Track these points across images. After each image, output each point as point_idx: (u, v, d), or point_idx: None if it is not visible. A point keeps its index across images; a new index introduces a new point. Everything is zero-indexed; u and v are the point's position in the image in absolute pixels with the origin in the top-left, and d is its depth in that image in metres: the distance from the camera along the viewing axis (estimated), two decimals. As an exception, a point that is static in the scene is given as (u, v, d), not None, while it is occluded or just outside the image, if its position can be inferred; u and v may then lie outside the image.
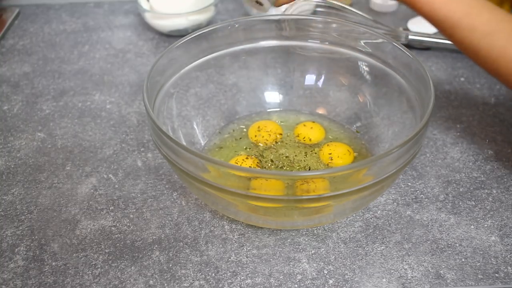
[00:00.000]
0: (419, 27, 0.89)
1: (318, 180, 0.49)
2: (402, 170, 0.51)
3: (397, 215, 0.59)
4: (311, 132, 0.66)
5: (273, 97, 0.72)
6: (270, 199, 0.49)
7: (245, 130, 0.68)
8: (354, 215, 0.59)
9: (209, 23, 0.91)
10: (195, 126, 0.67)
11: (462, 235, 0.57)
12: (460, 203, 0.60)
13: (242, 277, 0.53)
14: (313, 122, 0.68)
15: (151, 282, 0.53)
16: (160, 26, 0.89)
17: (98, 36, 0.92)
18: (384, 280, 0.52)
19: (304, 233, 0.57)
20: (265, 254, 0.55)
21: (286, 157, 0.64)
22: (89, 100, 0.77)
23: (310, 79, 0.71)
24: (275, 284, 0.52)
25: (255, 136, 0.66)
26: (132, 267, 0.54)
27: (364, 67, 0.67)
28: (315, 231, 0.58)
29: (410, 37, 0.84)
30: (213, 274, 0.53)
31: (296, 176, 0.50)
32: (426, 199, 0.61)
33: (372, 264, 0.54)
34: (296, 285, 0.52)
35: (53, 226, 0.59)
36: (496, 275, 0.53)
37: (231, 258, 0.55)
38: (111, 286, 0.52)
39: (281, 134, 0.67)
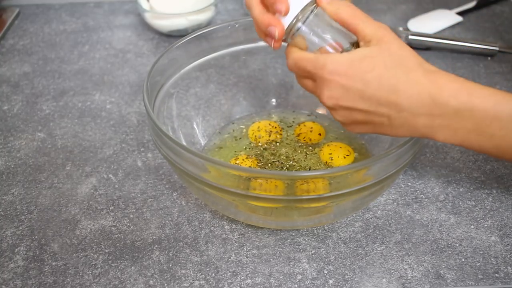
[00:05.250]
0: (419, 27, 0.89)
1: (318, 180, 0.49)
2: (402, 170, 0.51)
3: (397, 215, 0.59)
4: (311, 132, 0.66)
5: (273, 97, 0.72)
6: (270, 199, 0.49)
7: (245, 130, 0.68)
8: (354, 215, 0.59)
9: (209, 23, 0.91)
10: (195, 126, 0.67)
11: (462, 235, 0.57)
12: (460, 203, 0.60)
13: (242, 277, 0.53)
14: (313, 122, 0.68)
15: (151, 282, 0.53)
16: (160, 26, 0.89)
17: (98, 36, 0.92)
18: (384, 280, 0.52)
19: (304, 233, 0.57)
20: (265, 254, 0.55)
21: (286, 157, 0.64)
22: (89, 100, 0.77)
23: (310, 79, 0.71)
24: (275, 284, 0.52)
25: (255, 136, 0.66)
26: (132, 267, 0.54)
27: (364, 67, 0.66)
28: (315, 231, 0.58)
29: (410, 37, 0.84)
30: (213, 274, 0.53)
31: (296, 176, 0.50)
32: (426, 199, 0.61)
33: (372, 264, 0.54)
34: (296, 285, 0.52)
35: (53, 226, 0.59)
36: (496, 275, 0.53)
37: (231, 258, 0.55)
38: (111, 286, 0.52)
39: (281, 134, 0.67)
